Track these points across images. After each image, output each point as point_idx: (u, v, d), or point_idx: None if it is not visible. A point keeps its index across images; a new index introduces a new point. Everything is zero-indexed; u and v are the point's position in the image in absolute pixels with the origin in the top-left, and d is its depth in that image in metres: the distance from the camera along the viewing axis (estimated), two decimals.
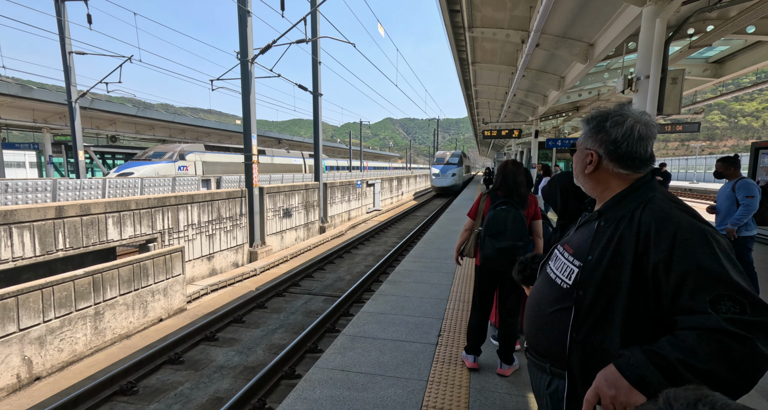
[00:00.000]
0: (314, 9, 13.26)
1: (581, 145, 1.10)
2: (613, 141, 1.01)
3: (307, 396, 2.48)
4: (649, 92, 3.98)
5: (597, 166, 1.06)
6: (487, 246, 2.51)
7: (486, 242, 2.52)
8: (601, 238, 0.99)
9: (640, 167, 1.02)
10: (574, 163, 1.14)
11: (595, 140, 1.05)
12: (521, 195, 2.58)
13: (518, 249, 2.43)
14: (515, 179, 2.60)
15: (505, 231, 2.47)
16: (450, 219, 10.50)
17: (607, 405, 0.82)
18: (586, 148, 1.08)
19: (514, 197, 2.57)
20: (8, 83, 14.58)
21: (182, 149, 17.01)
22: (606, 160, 1.04)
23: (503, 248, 2.44)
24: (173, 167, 16.39)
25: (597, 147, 1.05)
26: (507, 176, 2.61)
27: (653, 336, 0.87)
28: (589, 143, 1.07)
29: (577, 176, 1.14)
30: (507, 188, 2.59)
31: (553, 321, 1.05)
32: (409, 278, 5.09)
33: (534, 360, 1.14)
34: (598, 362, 0.91)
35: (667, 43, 4.08)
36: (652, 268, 0.87)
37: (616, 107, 1.05)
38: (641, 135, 1.00)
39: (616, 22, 5.60)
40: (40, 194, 7.61)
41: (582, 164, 1.09)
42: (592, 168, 1.06)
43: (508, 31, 7.55)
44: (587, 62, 7.01)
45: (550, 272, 1.14)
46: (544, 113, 14.86)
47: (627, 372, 0.80)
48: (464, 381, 2.63)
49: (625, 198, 1.01)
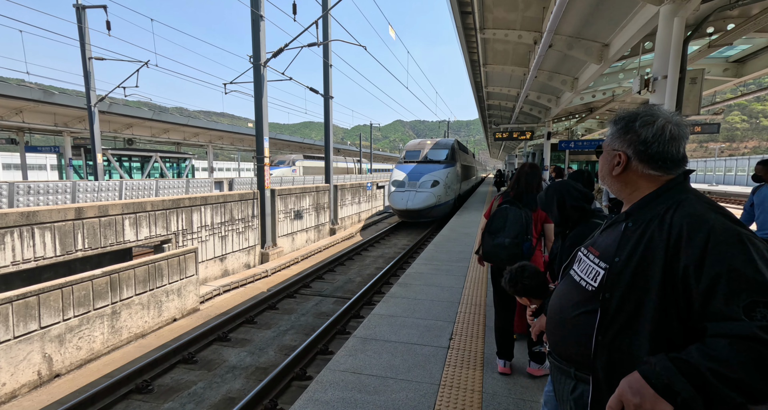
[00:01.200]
0: (326, 13, 13.38)
1: (608, 146, 1.08)
2: (643, 141, 0.99)
3: (319, 397, 2.48)
4: (667, 93, 3.89)
5: (625, 167, 1.03)
6: (486, 243, 2.61)
7: (485, 239, 2.61)
8: (628, 239, 0.97)
9: (671, 168, 1.00)
10: (600, 165, 1.11)
11: (624, 141, 1.03)
12: (532, 197, 2.63)
13: (514, 247, 2.48)
14: (528, 181, 2.70)
15: (503, 228, 2.54)
16: (461, 222, 10.42)
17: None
18: (613, 149, 1.05)
19: (523, 198, 2.63)
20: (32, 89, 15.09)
21: (293, 158, 27.82)
22: (635, 161, 1.01)
23: (498, 245, 2.53)
24: (289, 170, 25.16)
25: (625, 148, 1.02)
26: (520, 178, 2.72)
27: (685, 342, 0.84)
28: (617, 144, 1.04)
29: (603, 178, 1.11)
30: (519, 189, 2.69)
31: (577, 324, 1.03)
32: (419, 280, 5.07)
33: (558, 364, 1.12)
34: (625, 367, 0.88)
35: (686, 43, 3.98)
36: (682, 271, 0.85)
37: (644, 108, 1.03)
38: (673, 135, 0.97)
39: (631, 22, 5.49)
40: (60, 196, 7.84)
41: (609, 165, 1.07)
42: (620, 170, 1.04)
43: (521, 33, 7.49)
44: (602, 63, 6.89)
45: (574, 274, 1.12)
46: (557, 115, 14.66)
47: (653, 380, 0.78)
48: (477, 386, 2.60)
49: (656, 199, 0.99)
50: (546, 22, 5.97)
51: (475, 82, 13.65)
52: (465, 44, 9.37)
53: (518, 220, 2.50)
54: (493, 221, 2.58)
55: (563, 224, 1.77)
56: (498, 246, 2.51)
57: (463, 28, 8.13)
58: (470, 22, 7.76)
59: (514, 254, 2.45)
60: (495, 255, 2.54)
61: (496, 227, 2.55)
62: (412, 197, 14.43)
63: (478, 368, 2.84)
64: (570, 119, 16.13)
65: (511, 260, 2.44)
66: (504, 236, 2.50)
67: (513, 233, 2.48)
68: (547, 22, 5.84)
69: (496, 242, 2.52)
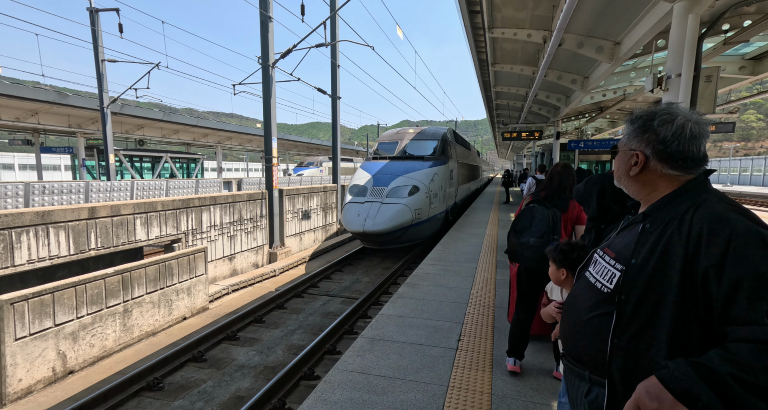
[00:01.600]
0: (333, 13, 13.43)
1: (625, 146, 1.05)
2: (662, 141, 0.97)
3: (327, 398, 2.49)
4: (681, 91, 3.81)
5: (643, 167, 1.01)
6: (511, 241, 2.58)
7: (510, 238, 2.59)
8: (646, 241, 0.95)
9: (692, 168, 0.97)
10: (615, 164, 1.09)
11: (641, 140, 1.01)
12: (563, 198, 2.59)
13: (539, 246, 2.43)
14: (561, 181, 2.63)
15: (529, 227, 2.49)
16: (469, 222, 10.36)
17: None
18: (630, 149, 1.03)
19: (555, 199, 2.58)
20: (47, 91, 15.43)
21: (320, 159, 29.59)
22: (654, 160, 0.99)
23: (522, 244, 2.49)
24: (317, 171, 27.49)
25: (643, 147, 1.00)
26: (553, 178, 2.66)
27: (704, 347, 0.82)
28: (634, 144, 1.02)
29: (619, 179, 1.09)
30: (551, 189, 2.64)
31: (592, 327, 1.01)
32: (427, 281, 5.05)
33: (572, 367, 1.10)
34: (641, 371, 0.87)
35: (701, 40, 3.90)
36: (702, 273, 0.83)
37: (663, 106, 1.01)
38: (693, 134, 0.95)
39: (644, 20, 5.40)
40: (74, 196, 7.99)
41: (626, 165, 1.04)
42: (638, 170, 1.02)
43: (530, 31, 7.42)
44: (613, 61, 6.79)
45: (589, 276, 1.10)
46: (566, 114, 14.50)
47: (671, 385, 0.76)
48: (486, 388, 2.58)
49: (675, 200, 0.97)
50: (556, 21, 5.90)
51: (484, 81, 13.56)
52: (473, 44, 9.32)
53: (544, 219, 2.45)
54: (519, 220, 2.56)
55: (600, 217, 1.74)
56: (522, 245, 2.47)
57: (471, 27, 8.08)
58: (479, 21, 7.71)
59: (539, 253, 2.40)
60: (519, 254, 2.51)
61: (521, 226, 2.52)
62: (374, 212, 9.02)
63: (487, 370, 2.81)
64: (580, 119, 15.93)
65: (536, 260, 2.41)
66: (529, 235, 2.46)
67: (539, 232, 2.43)
68: (556, 20, 5.78)
69: (520, 241, 2.48)
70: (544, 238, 2.42)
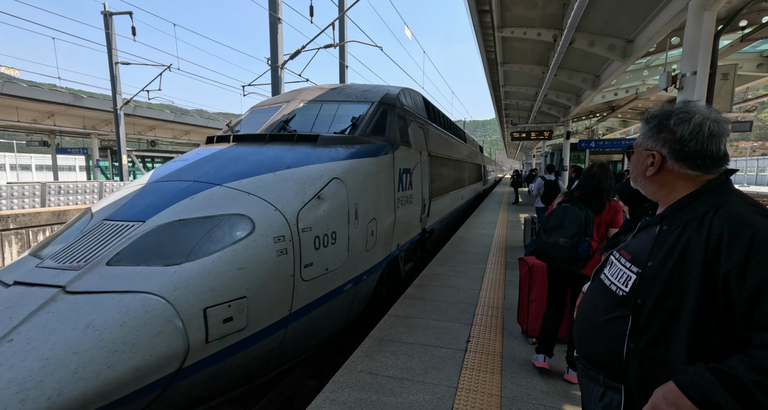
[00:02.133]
0: (342, 14, 13.48)
1: (640, 146, 1.03)
2: (679, 140, 0.94)
3: (336, 397, 2.49)
4: (696, 89, 3.73)
5: (660, 167, 0.99)
6: (539, 240, 2.55)
7: (540, 237, 2.55)
8: (663, 243, 0.93)
9: (711, 167, 0.95)
10: (632, 165, 1.07)
11: (657, 140, 0.98)
12: (599, 199, 2.55)
13: (569, 247, 2.39)
14: (598, 183, 2.56)
15: (559, 227, 2.45)
16: (478, 222, 10.30)
17: None
18: (646, 149, 1.01)
19: (590, 200, 2.53)
20: (63, 93, 15.82)
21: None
22: (671, 160, 0.97)
23: (551, 243, 2.45)
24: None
25: (659, 147, 0.98)
26: (590, 180, 2.58)
27: (725, 353, 0.80)
28: (650, 144, 1.00)
29: (635, 179, 1.07)
30: (588, 190, 2.57)
31: (607, 330, 0.99)
32: (435, 281, 5.03)
33: (586, 371, 1.08)
34: (659, 377, 0.85)
35: (717, 37, 3.81)
36: (723, 277, 0.80)
37: (679, 104, 0.99)
38: (712, 132, 0.92)
39: (658, 17, 5.31)
40: (88, 196, 8.17)
41: (642, 166, 1.02)
42: (654, 170, 0.99)
43: (540, 30, 7.35)
44: (625, 60, 6.69)
45: (604, 278, 1.08)
46: (577, 114, 14.33)
47: (690, 391, 0.74)
48: (495, 390, 2.56)
49: (695, 201, 0.94)
50: (566, 19, 5.84)
51: (492, 81, 13.48)
52: (482, 43, 9.27)
53: (576, 220, 2.40)
54: (549, 219, 2.52)
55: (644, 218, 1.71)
56: (550, 244, 2.44)
57: (480, 26, 8.04)
58: (488, 20, 7.66)
59: (569, 254, 2.35)
60: (547, 253, 2.48)
61: (551, 226, 2.48)
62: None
63: (496, 372, 2.79)
64: (590, 118, 15.73)
65: (564, 261, 2.38)
66: (559, 235, 2.42)
67: (569, 232, 2.39)
68: (567, 18, 5.71)
69: (549, 241, 2.45)
70: (574, 239, 2.38)
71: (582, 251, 2.34)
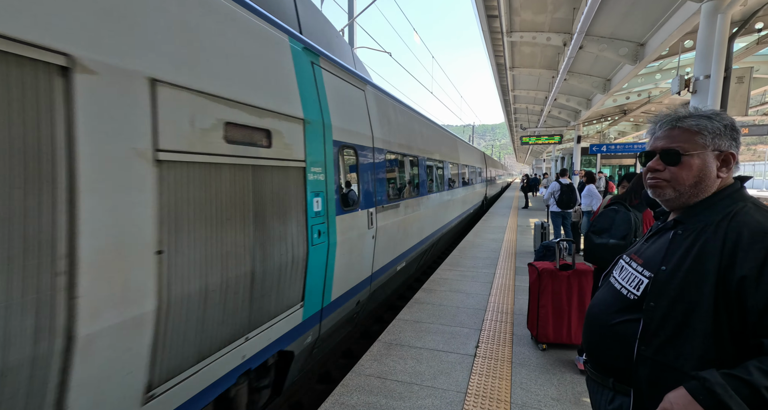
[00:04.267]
0: (351, 21, 13.64)
1: (708, 146, 0.94)
2: (738, 142, 0.95)
3: (345, 401, 2.50)
4: (710, 93, 3.68)
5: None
6: (588, 242, 2.65)
7: (588, 238, 2.65)
8: (677, 248, 0.92)
9: (733, 171, 0.96)
10: (691, 169, 0.94)
11: (731, 139, 0.94)
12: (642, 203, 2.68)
13: (619, 248, 2.46)
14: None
15: (609, 229, 2.53)
16: (486, 227, 10.24)
17: None
18: (719, 150, 0.94)
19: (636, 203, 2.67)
20: None
21: None
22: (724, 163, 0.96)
23: (600, 245, 2.54)
24: None
25: (734, 148, 0.95)
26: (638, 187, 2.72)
27: (737, 359, 0.79)
28: (724, 143, 0.94)
29: (696, 185, 0.95)
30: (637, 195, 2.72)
31: (617, 333, 0.99)
32: (444, 286, 5.01)
33: (595, 374, 1.08)
34: (669, 381, 0.84)
35: (731, 40, 3.76)
36: (737, 283, 0.80)
37: (698, 108, 0.98)
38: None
39: (670, 20, 5.26)
40: None
41: (709, 168, 0.94)
42: (728, 171, 0.96)
43: (549, 35, 7.33)
44: (637, 63, 6.63)
45: (614, 281, 1.08)
46: (588, 117, 14.20)
47: (701, 397, 0.74)
48: (504, 396, 2.53)
49: (712, 206, 0.93)
50: (576, 23, 5.82)
51: (501, 85, 13.46)
52: (491, 48, 9.28)
53: (626, 221, 2.49)
54: (598, 221, 2.61)
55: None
56: (600, 246, 2.52)
57: (489, 31, 8.06)
58: (497, 25, 7.68)
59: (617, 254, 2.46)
60: (595, 253, 2.56)
61: (600, 227, 2.57)
62: None
63: (505, 377, 2.76)
64: (602, 122, 15.57)
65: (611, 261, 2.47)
66: (609, 236, 2.51)
67: (620, 233, 2.47)
68: (577, 23, 5.70)
69: (598, 242, 2.53)
70: (626, 239, 2.47)
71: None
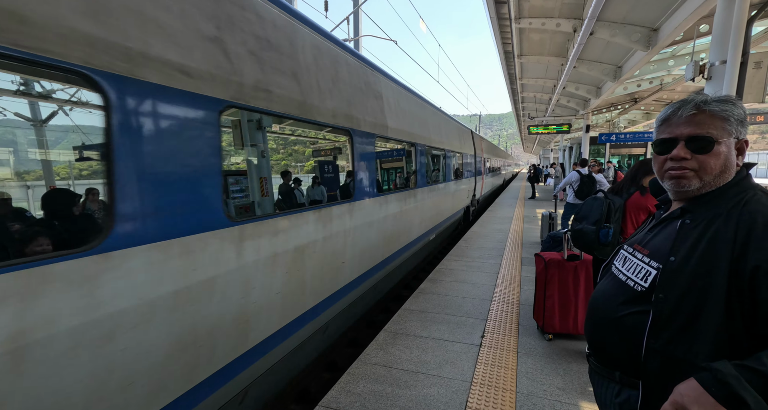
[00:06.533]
0: (357, 8, 13.42)
1: (733, 134, 0.91)
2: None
3: (351, 389, 2.53)
4: (726, 79, 3.57)
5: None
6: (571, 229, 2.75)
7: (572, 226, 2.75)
8: (686, 237, 0.90)
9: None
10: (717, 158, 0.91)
11: (744, 126, 0.92)
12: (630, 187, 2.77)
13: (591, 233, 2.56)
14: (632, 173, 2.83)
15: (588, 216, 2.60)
16: (492, 218, 10.19)
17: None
18: (737, 137, 0.92)
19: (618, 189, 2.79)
20: None
21: None
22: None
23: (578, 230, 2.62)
24: None
25: (744, 135, 0.93)
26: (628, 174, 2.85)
27: (750, 350, 0.78)
28: (742, 131, 0.92)
29: (721, 174, 0.92)
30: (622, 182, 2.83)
31: (624, 326, 0.97)
32: (449, 276, 5.02)
33: (600, 368, 1.07)
34: (679, 374, 0.83)
35: (750, 24, 3.62)
36: (750, 272, 0.78)
37: (709, 93, 0.96)
38: None
39: (685, 4, 5.08)
40: None
41: (731, 157, 0.92)
42: (744, 159, 0.95)
43: (559, 20, 7.14)
44: (649, 49, 6.44)
45: (617, 273, 1.06)
46: (597, 106, 13.92)
47: (713, 389, 0.72)
48: (510, 386, 2.55)
49: (722, 194, 0.91)
50: (587, 8, 5.66)
51: (509, 74, 13.23)
52: (499, 35, 9.09)
53: (599, 207, 2.56)
54: (581, 209, 2.70)
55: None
56: (575, 231, 2.63)
57: (497, 18, 7.89)
58: (505, 11, 7.51)
59: (591, 239, 2.51)
60: (575, 240, 2.65)
61: (583, 215, 2.66)
62: None
63: (511, 367, 2.77)
64: (611, 111, 15.26)
65: (587, 246, 2.54)
66: (586, 222, 2.59)
67: (593, 219, 2.56)
68: (588, 7, 5.53)
69: (576, 228, 2.64)
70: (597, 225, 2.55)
71: (602, 236, 2.49)
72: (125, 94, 1.49)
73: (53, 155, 4.40)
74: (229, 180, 3.31)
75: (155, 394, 1.64)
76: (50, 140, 3.96)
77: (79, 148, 3.77)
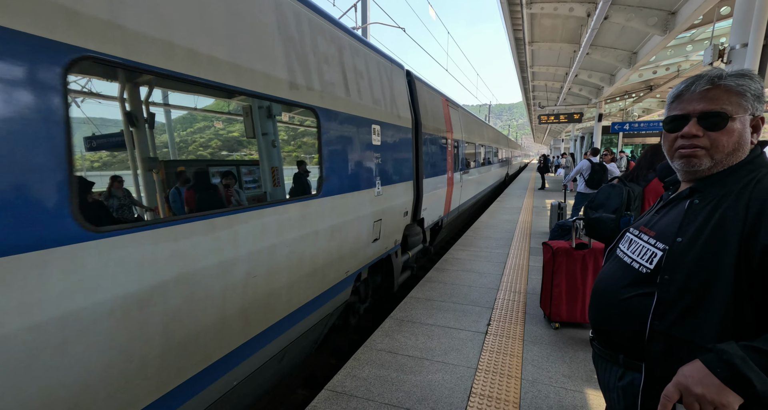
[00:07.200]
0: None
1: (748, 110, 0.87)
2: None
3: (356, 374, 2.57)
4: (747, 63, 3.43)
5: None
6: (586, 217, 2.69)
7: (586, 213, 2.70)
8: (694, 217, 0.88)
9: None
10: (732, 135, 0.87)
11: (761, 102, 0.89)
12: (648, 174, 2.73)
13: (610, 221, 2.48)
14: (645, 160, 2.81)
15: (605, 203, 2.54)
16: (500, 208, 10.11)
17: (690, 404, 0.74)
18: (753, 114, 0.88)
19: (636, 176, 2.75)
20: None
21: None
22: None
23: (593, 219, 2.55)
24: None
25: (761, 111, 0.89)
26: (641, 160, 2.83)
27: (757, 331, 0.76)
28: (759, 107, 0.88)
29: (733, 152, 0.88)
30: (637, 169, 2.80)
31: (629, 308, 0.95)
32: (456, 266, 5.01)
33: (603, 351, 1.06)
34: (684, 355, 0.82)
35: None
36: (761, 251, 0.76)
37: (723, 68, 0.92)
38: None
39: None
40: None
41: (746, 134, 0.89)
42: (759, 137, 0.91)
43: (572, 5, 6.93)
44: (666, 34, 6.22)
45: (623, 255, 1.04)
46: (610, 94, 13.58)
47: (718, 369, 0.71)
48: (515, 372, 2.55)
49: (733, 173, 0.88)
50: None
51: (519, 61, 12.95)
52: (509, 21, 8.88)
53: (619, 195, 2.47)
54: (596, 197, 2.61)
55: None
56: (594, 220, 2.53)
57: (507, 4, 7.68)
58: None
59: (611, 228, 2.43)
60: (589, 228, 2.57)
61: (599, 203, 2.57)
62: None
63: (516, 354, 2.78)
64: (625, 99, 14.87)
65: (604, 234, 2.45)
66: (603, 210, 2.50)
67: (612, 207, 2.47)
68: None
69: (593, 217, 2.54)
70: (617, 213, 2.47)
71: (623, 224, 2.41)
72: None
73: None
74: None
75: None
76: None
77: None
